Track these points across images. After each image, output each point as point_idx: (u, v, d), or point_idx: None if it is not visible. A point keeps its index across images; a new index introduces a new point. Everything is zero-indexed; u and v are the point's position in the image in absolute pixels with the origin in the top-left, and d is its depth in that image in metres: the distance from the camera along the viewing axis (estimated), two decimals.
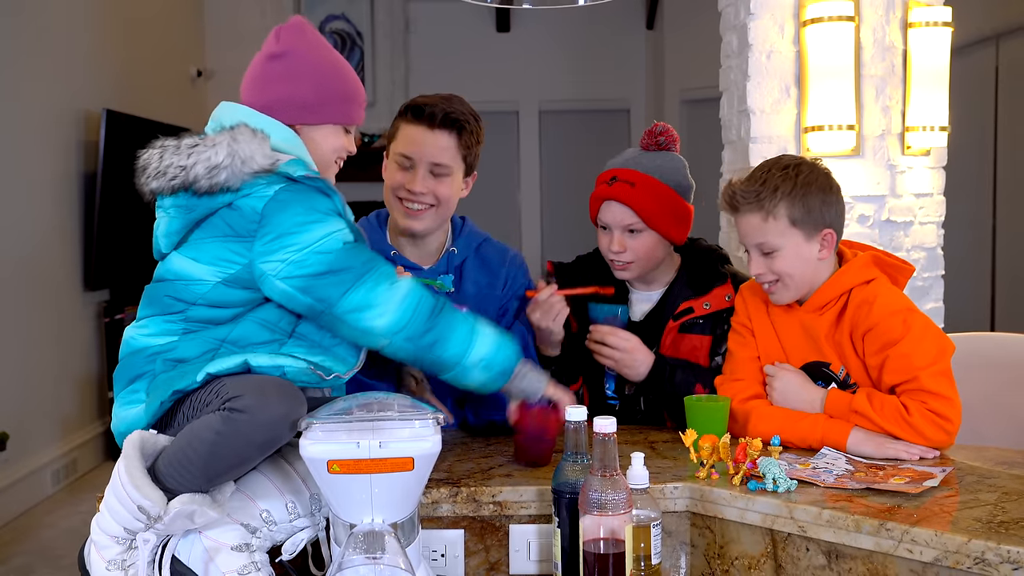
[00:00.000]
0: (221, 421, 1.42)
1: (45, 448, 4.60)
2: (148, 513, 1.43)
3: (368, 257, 1.66)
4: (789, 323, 1.97)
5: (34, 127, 4.59)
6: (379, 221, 2.22)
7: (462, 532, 1.68)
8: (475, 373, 1.70)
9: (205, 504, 1.45)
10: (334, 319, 1.62)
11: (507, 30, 8.05)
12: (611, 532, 1.45)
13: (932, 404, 1.79)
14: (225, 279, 1.62)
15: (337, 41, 7.41)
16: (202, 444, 1.43)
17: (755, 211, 1.88)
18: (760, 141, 3.21)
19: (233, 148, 1.58)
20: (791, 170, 1.88)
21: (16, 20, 4.42)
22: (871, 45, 3.20)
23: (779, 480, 1.61)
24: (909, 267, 1.98)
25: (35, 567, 3.69)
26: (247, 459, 1.47)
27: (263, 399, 1.42)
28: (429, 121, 2.06)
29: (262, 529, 1.52)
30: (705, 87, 5.23)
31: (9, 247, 4.27)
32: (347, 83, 1.78)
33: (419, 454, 1.36)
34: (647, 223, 2.11)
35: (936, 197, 3.40)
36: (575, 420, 1.54)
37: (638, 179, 2.11)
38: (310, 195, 1.62)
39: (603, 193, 2.14)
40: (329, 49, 1.80)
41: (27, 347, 4.49)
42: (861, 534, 1.47)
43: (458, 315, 1.70)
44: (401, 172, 2.09)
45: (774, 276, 1.91)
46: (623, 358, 2.07)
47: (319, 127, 1.76)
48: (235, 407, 1.41)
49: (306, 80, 1.73)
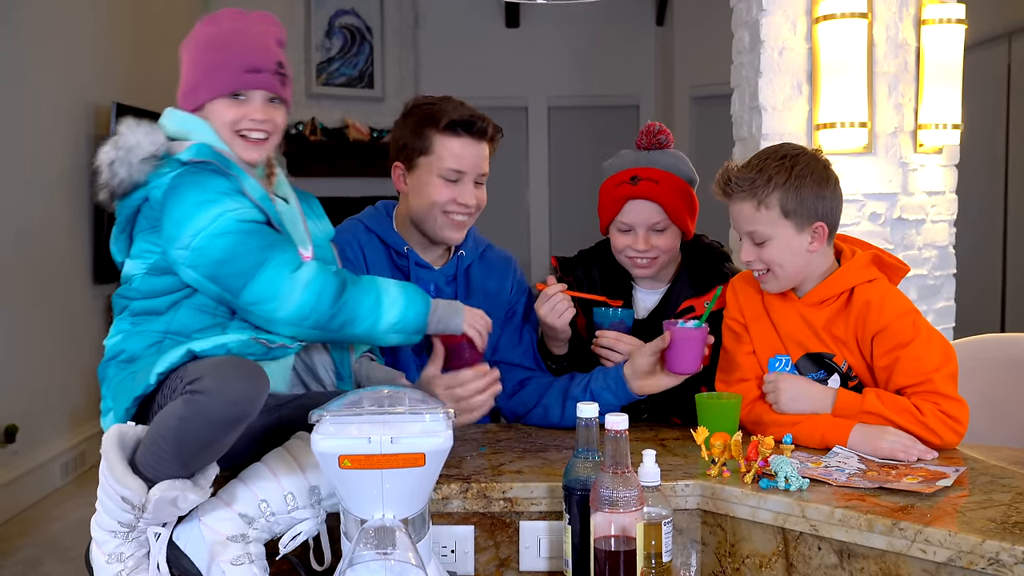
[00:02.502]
0: (183, 405, 1.43)
1: (54, 440, 4.60)
2: (132, 503, 1.44)
3: (267, 242, 1.65)
4: (788, 313, 1.95)
5: (44, 121, 4.59)
6: (387, 212, 2.21)
7: (472, 528, 1.68)
8: (390, 338, 1.73)
9: (187, 489, 1.46)
10: (241, 309, 1.66)
11: (516, 26, 8.03)
12: (622, 529, 1.44)
13: (944, 406, 1.80)
14: (148, 269, 1.68)
15: (346, 36, 7.40)
16: (168, 430, 1.44)
17: (748, 199, 1.86)
18: (771, 138, 3.19)
19: (118, 141, 1.64)
20: (788, 160, 1.86)
21: (25, 13, 4.42)
22: (884, 42, 3.18)
23: (791, 479, 1.60)
24: (905, 267, 1.98)
25: (43, 559, 3.69)
26: (215, 439, 1.46)
27: (222, 379, 1.43)
28: (480, 135, 2.07)
29: (259, 520, 1.53)
30: (715, 83, 5.21)
31: (19, 240, 4.28)
32: (217, 53, 1.74)
33: (431, 450, 1.35)
34: (672, 219, 2.12)
35: (948, 195, 3.39)
36: (587, 417, 1.54)
37: (661, 177, 2.11)
38: (202, 177, 1.65)
39: (627, 193, 2.12)
40: (212, 26, 1.77)
41: (36, 340, 4.50)
42: (874, 533, 1.46)
43: (361, 287, 1.69)
44: (448, 186, 2.07)
45: (764, 265, 1.90)
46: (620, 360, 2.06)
47: (209, 106, 1.74)
48: (195, 389, 1.43)
49: (185, 67, 1.77)
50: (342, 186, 6.77)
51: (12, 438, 4.16)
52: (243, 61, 1.73)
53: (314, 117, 7.11)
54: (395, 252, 2.14)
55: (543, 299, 2.08)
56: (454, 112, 2.06)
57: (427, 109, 2.09)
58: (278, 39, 1.79)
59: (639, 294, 2.24)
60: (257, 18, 1.79)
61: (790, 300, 1.95)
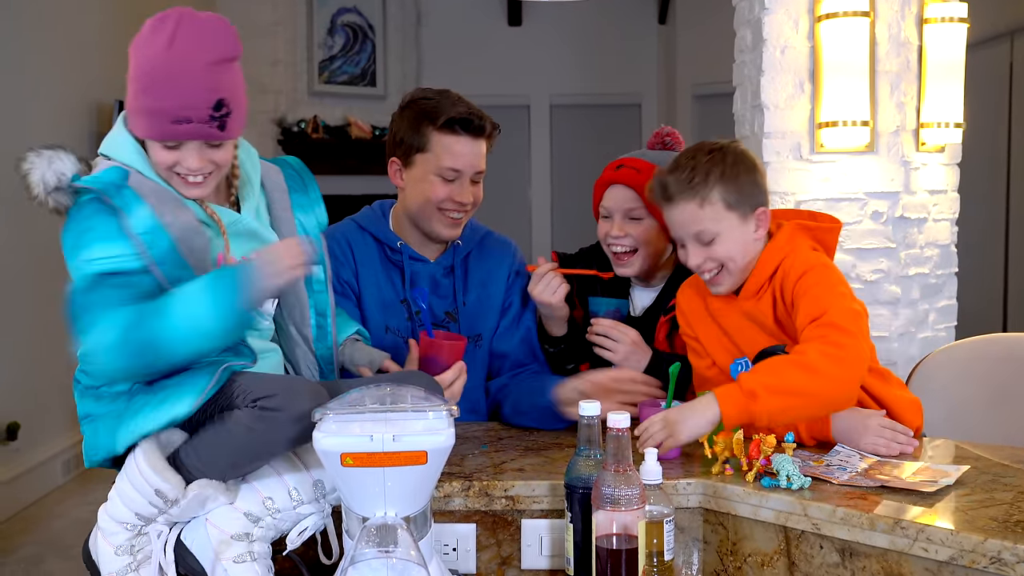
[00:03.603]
0: (255, 418, 1.46)
1: (55, 438, 4.60)
2: (166, 496, 1.46)
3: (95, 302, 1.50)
4: (732, 315, 1.92)
5: (46, 119, 4.59)
6: (383, 211, 2.21)
7: (474, 526, 1.68)
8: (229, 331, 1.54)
9: (219, 490, 1.50)
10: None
11: (519, 24, 8.03)
12: (624, 528, 1.44)
13: (832, 337, 1.70)
14: None
15: (349, 34, 7.41)
16: (233, 437, 1.47)
17: (690, 199, 1.83)
18: (774, 136, 3.20)
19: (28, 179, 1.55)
20: (718, 154, 1.85)
21: (28, 11, 4.42)
22: (886, 41, 3.18)
23: (793, 477, 1.60)
24: (836, 223, 1.95)
25: (45, 557, 3.70)
26: (274, 454, 1.52)
27: (294, 398, 1.46)
28: (478, 132, 2.05)
29: (265, 518, 1.53)
30: (717, 82, 5.21)
31: (21, 237, 4.28)
32: (147, 96, 1.56)
33: (433, 448, 1.35)
34: (649, 209, 2.10)
35: (950, 194, 3.39)
36: (589, 415, 1.54)
37: (643, 167, 2.12)
38: (82, 215, 1.55)
39: (608, 177, 2.17)
40: (155, 53, 1.56)
41: (38, 337, 4.50)
42: (876, 532, 1.46)
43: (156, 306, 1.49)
44: (445, 185, 2.06)
45: (715, 264, 1.86)
46: (618, 348, 2.08)
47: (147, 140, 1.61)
48: (268, 406, 1.45)
49: (128, 87, 1.61)
50: (344, 184, 6.77)
51: (14, 435, 4.17)
52: (171, 111, 1.54)
53: (316, 115, 7.11)
54: (388, 248, 2.14)
55: (536, 279, 2.10)
56: (452, 109, 2.04)
57: (424, 104, 2.07)
58: (222, 59, 1.56)
59: (635, 292, 2.25)
60: (196, 38, 1.55)
61: (731, 300, 1.92)
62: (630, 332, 2.09)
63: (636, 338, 2.09)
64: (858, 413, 1.82)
